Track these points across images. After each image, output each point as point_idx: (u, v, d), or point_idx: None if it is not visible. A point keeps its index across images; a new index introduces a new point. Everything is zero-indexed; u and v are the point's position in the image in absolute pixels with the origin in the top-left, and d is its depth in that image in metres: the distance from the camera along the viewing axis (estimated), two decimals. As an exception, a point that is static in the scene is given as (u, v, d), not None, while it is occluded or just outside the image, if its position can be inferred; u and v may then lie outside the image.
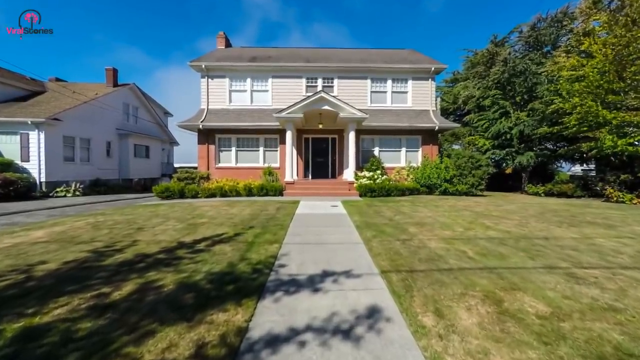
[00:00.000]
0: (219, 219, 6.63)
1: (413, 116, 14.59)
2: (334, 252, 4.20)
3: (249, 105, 14.57)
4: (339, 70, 14.67)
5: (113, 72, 18.72)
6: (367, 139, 14.63)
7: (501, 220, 6.51)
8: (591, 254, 3.99)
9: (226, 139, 14.34)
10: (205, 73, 14.38)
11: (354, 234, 5.33)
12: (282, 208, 8.11)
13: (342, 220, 6.55)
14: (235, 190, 11.55)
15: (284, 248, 4.41)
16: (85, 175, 16.13)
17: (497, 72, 17.19)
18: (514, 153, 16.87)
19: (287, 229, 5.61)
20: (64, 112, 14.39)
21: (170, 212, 7.56)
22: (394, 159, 14.57)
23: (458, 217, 6.78)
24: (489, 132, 17.80)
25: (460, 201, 10.07)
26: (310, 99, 11.84)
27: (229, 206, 8.50)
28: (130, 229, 5.59)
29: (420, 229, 5.56)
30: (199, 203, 9.45)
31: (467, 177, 12.79)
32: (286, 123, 12.29)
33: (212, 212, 7.45)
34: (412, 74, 14.85)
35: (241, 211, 7.60)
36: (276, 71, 14.54)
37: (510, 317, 2.38)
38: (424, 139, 14.64)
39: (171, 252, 4.13)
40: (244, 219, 6.61)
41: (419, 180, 12.99)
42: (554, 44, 16.62)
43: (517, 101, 16.85)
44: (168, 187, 11.29)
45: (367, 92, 14.82)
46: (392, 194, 11.74)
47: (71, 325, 2.24)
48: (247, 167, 14.17)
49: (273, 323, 2.38)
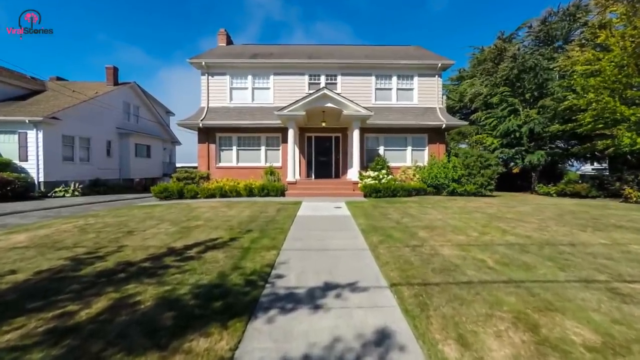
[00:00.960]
0: (215, 221, 6.25)
1: (419, 114, 14.10)
2: (338, 260, 3.78)
3: (250, 103, 14.20)
4: (342, 67, 14.23)
5: (113, 71, 18.48)
6: (372, 137, 14.18)
7: (518, 223, 6.04)
8: (631, 264, 3.52)
9: (227, 137, 13.99)
10: (205, 70, 14.03)
11: (359, 238, 4.91)
12: (283, 209, 7.72)
13: (346, 223, 6.14)
14: (235, 191, 11.19)
15: (282, 255, 4.01)
16: (85, 175, 15.90)
17: (505, 69, 16.60)
18: (523, 152, 16.29)
19: (287, 233, 5.22)
20: (62, 111, 14.16)
21: (166, 214, 7.20)
22: (399, 158, 14.11)
23: (470, 220, 6.33)
24: (497, 131, 17.22)
25: (470, 202, 9.60)
26: (312, 96, 11.43)
27: (228, 207, 8.12)
28: (119, 233, 5.23)
29: (430, 233, 5.13)
30: (197, 204, 9.09)
31: (476, 176, 12.29)
32: (288, 121, 11.89)
33: (209, 214, 7.08)
34: (418, 70, 14.36)
35: (240, 213, 7.21)
36: (278, 68, 14.15)
37: (553, 348, 1.95)
38: (431, 138, 14.16)
39: (158, 260, 3.75)
40: (242, 221, 6.22)
41: (425, 180, 12.52)
42: (565, 38, 16.01)
43: (527, 98, 16.25)
44: (166, 188, 10.96)
45: (371, 89, 14.36)
46: (398, 195, 11.29)
47: (17, 356, 1.86)
48: (249, 167, 13.80)
49: (263, 352, 1.97)
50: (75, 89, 17.69)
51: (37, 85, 17.67)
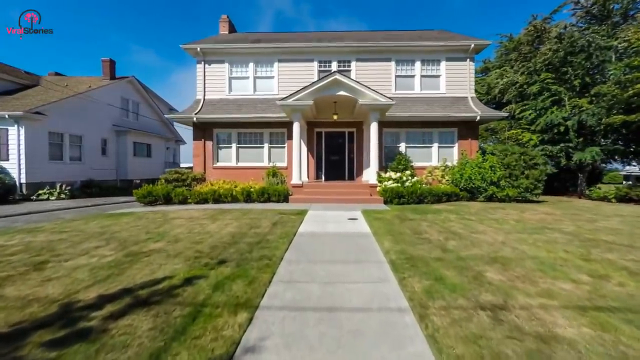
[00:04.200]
0: (182, 242, 4.50)
1: (448, 105, 12.00)
2: (357, 340, 1.92)
3: (251, 94, 12.48)
4: (357, 51, 12.30)
5: (110, 64, 17.20)
6: (392, 133, 12.19)
7: (632, 251, 3.98)
8: None
9: (225, 134, 12.34)
10: (201, 58, 12.42)
11: (391, 283, 3.02)
12: (280, 223, 5.91)
13: (367, 248, 4.25)
14: (231, 195, 9.48)
15: (257, 324, 2.18)
16: (77, 175, 14.64)
17: (548, 52, 14.24)
18: (570, 149, 13.87)
19: (276, 267, 3.40)
20: (48, 106, 12.88)
21: (126, 229, 5.51)
22: (423, 157, 12.06)
23: (551, 245, 4.31)
24: (536, 125, 14.85)
25: (525, 212, 7.49)
26: (322, 82, 9.57)
27: (211, 219, 6.38)
28: (24, 266, 3.55)
29: (505, 274, 3.18)
30: (178, 213, 7.40)
31: (519, 178, 10.12)
32: (293, 113, 10.08)
33: (181, 230, 5.34)
34: (445, 54, 12.25)
35: (222, 228, 5.44)
36: (283, 54, 12.37)
37: None
38: (461, 132, 12.03)
39: (14, 340, 2.00)
40: (218, 243, 4.44)
41: (457, 182, 10.45)
42: (625, 12, 13.44)
43: (575, 85, 13.79)
44: (151, 191, 9.37)
45: (391, 76, 12.36)
46: (425, 201, 9.30)
47: None
48: (250, 167, 12.10)
49: None
50: (70, 83, 16.55)
51: (31, 80, 16.60)
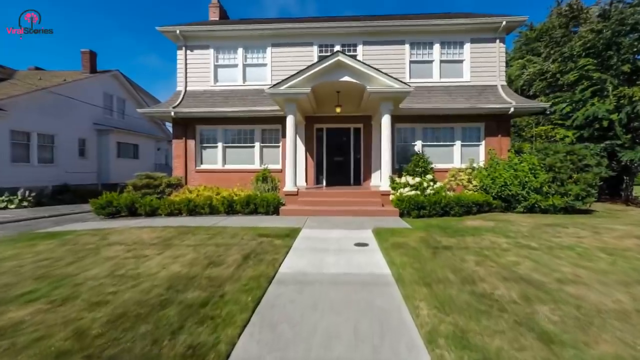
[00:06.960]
0: (74, 302, 2.66)
1: (473, 94, 10.04)
2: None
3: (240, 84, 10.67)
4: (364, 32, 10.39)
5: (90, 56, 15.58)
6: (405, 128, 10.27)
7: None
8: None
9: (210, 131, 10.56)
10: (182, 42, 10.65)
11: None
12: (255, 255, 4.04)
13: (390, 324, 2.34)
14: (209, 205, 7.65)
15: None
16: (48, 179, 13.03)
17: (588, 33, 12.16)
18: (617, 147, 11.77)
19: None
20: (8, 100, 11.27)
21: (22, 265, 3.71)
22: (443, 158, 10.11)
23: None
24: (572, 119, 12.77)
25: (596, 231, 5.48)
26: (321, 65, 7.70)
27: (162, 246, 4.53)
28: None
29: None
30: (127, 233, 5.56)
31: (567, 183, 8.12)
32: (287, 104, 8.21)
33: (101, 269, 3.51)
34: (470, 34, 10.27)
35: (164, 266, 3.60)
36: (278, 37, 10.53)
37: None
38: (489, 128, 10.06)
39: None
40: (133, 307, 2.59)
41: (488, 188, 8.48)
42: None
43: (624, 71, 11.68)
44: (111, 201, 7.59)
45: (404, 62, 10.43)
46: (451, 213, 7.36)
47: None
48: (239, 170, 10.30)
49: None
50: (44, 77, 14.99)
51: (4, 74, 15.07)
